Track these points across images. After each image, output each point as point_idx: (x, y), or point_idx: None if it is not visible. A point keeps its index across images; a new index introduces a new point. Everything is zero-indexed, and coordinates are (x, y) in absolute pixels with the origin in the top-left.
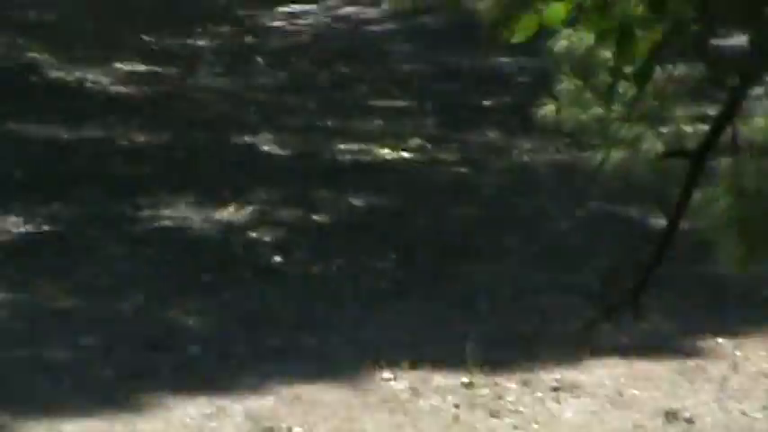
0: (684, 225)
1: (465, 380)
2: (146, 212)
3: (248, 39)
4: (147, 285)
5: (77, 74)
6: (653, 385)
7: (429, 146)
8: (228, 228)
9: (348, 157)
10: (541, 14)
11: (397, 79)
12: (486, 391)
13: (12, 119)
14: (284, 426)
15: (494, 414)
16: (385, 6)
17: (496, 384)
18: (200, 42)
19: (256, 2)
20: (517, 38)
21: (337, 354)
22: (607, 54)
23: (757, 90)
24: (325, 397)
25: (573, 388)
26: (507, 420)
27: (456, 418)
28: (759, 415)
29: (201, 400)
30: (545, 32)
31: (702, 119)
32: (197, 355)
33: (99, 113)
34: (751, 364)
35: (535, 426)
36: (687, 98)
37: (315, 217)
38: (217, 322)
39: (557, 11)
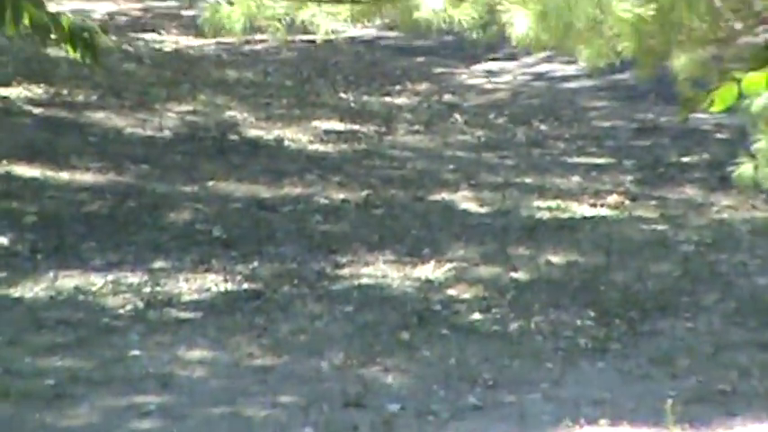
0: None
1: None
2: (344, 270)
3: (446, 96)
4: (346, 343)
5: (276, 132)
6: None
7: (627, 202)
8: (427, 285)
9: (546, 214)
10: (739, 84)
11: (594, 136)
12: None
13: (211, 177)
14: None
15: None
16: (582, 63)
17: None
18: (398, 100)
19: (454, 60)
20: (716, 107)
21: (536, 411)
22: None
23: None
24: None
25: None
26: None
27: None
28: None
29: None
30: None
31: None
32: (396, 413)
33: (298, 171)
34: None
35: None
36: None
37: (513, 274)
38: (416, 380)
39: (756, 81)
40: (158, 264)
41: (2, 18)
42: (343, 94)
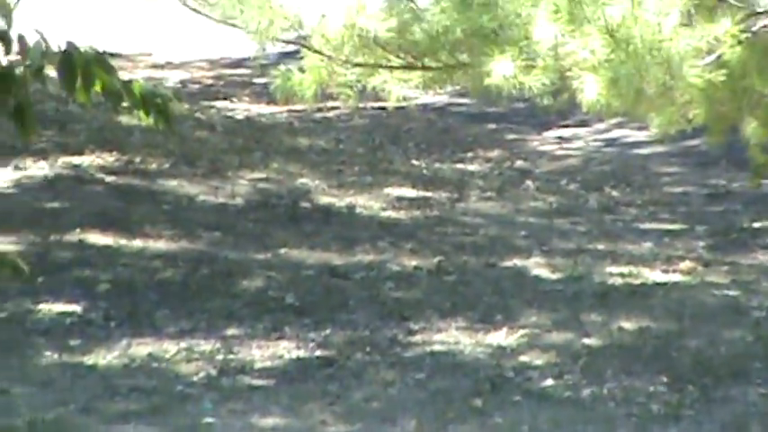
0: None
1: None
2: (417, 337)
3: (518, 163)
4: (419, 410)
5: (348, 199)
6: None
7: (700, 268)
8: (500, 351)
9: (618, 280)
10: None
11: (666, 202)
12: None
13: (284, 244)
14: None
15: None
16: (654, 130)
17: None
18: (470, 167)
19: (526, 126)
20: None
21: None
22: None
23: None
24: None
25: None
26: None
27: None
28: None
29: None
30: None
31: None
32: None
33: (370, 238)
34: None
35: None
36: None
37: (586, 340)
38: None
39: None
40: (231, 331)
41: (73, 85)
42: (415, 161)
